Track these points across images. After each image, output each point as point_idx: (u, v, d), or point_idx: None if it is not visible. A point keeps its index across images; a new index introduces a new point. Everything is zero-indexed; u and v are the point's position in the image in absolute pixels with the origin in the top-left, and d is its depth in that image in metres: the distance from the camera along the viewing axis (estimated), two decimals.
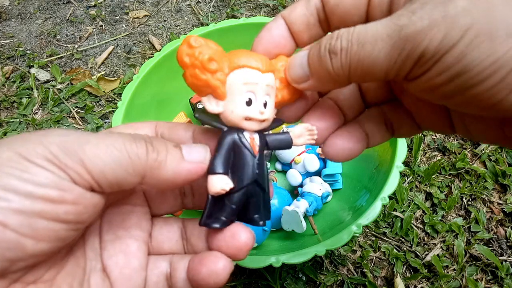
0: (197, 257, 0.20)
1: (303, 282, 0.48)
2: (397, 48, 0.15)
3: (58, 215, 0.16)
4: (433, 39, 0.14)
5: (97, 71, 0.73)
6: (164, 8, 0.82)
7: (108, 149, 0.16)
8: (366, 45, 0.16)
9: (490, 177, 0.55)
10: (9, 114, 0.67)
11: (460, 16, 0.14)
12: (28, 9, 0.84)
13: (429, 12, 0.14)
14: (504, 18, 0.13)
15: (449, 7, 0.14)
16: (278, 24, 0.20)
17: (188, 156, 0.19)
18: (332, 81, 0.18)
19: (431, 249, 0.50)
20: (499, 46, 0.13)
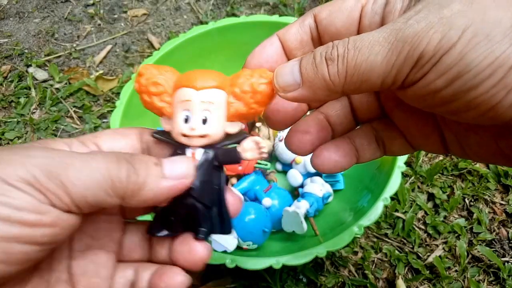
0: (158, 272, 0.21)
1: (304, 283, 0.48)
2: (395, 50, 0.15)
3: (34, 238, 0.16)
4: (431, 39, 0.14)
5: (95, 70, 0.72)
6: (163, 6, 0.82)
7: (91, 173, 0.16)
8: (363, 49, 0.15)
9: (492, 178, 0.55)
10: (6, 114, 0.67)
11: (457, 18, 0.14)
12: (26, 8, 0.83)
13: (425, 16, 0.15)
14: (498, 20, 0.14)
15: (445, 10, 0.14)
16: (272, 41, 0.21)
17: (170, 173, 0.18)
18: (325, 89, 0.17)
19: (433, 250, 0.49)
20: (496, 45, 0.14)
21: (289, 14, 0.75)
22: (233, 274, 0.48)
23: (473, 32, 0.14)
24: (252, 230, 0.40)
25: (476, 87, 0.14)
